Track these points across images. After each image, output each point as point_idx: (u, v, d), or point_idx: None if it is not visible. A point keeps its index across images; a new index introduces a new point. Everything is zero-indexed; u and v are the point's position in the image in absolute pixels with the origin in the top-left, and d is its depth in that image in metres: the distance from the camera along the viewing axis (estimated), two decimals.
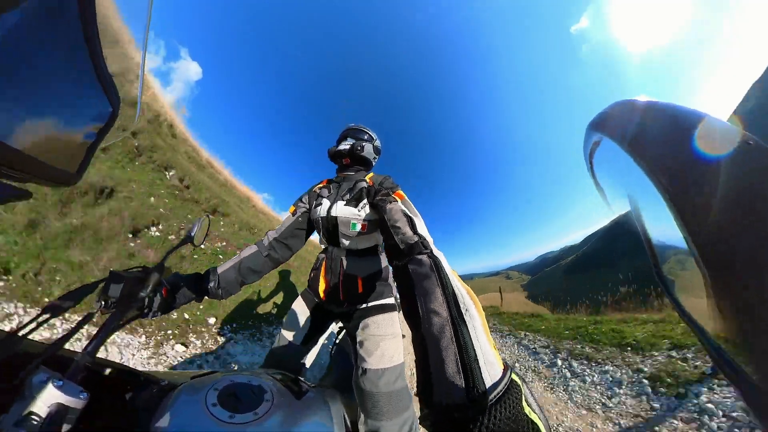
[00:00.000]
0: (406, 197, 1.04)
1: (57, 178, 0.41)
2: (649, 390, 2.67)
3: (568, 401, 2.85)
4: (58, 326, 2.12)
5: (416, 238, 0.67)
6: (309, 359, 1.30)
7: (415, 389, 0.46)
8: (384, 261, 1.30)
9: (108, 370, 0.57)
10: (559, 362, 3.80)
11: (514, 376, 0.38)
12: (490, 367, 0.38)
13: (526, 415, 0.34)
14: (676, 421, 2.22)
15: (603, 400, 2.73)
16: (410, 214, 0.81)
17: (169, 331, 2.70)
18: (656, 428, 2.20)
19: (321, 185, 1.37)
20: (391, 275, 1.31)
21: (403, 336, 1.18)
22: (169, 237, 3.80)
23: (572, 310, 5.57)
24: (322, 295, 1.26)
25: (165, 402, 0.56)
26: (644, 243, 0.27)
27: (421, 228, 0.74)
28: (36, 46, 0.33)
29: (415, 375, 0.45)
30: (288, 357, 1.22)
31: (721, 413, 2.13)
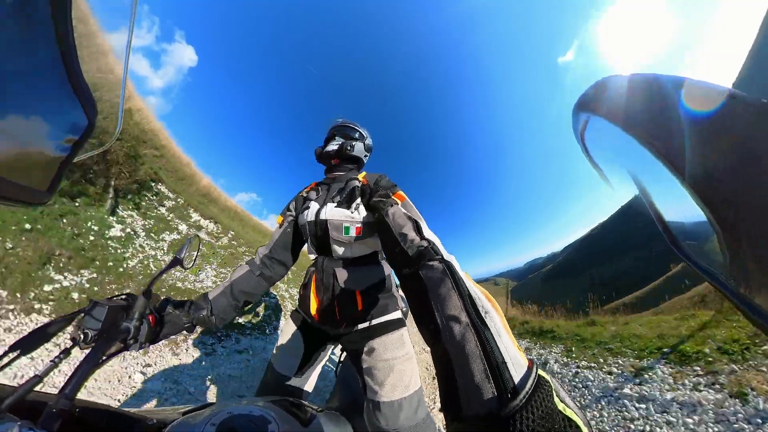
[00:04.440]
0: (407, 198, 0.94)
1: (25, 197, 0.37)
2: None
3: None
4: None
5: (426, 244, 0.63)
6: (309, 384, 1.15)
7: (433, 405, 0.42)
8: (386, 269, 1.15)
9: (89, 414, 0.51)
10: None
11: (541, 372, 0.36)
12: (518, 367, 0.36)
13: (561, 412, 0.31)
14: None
15: None
16: (414, 218, 0.75)
17: None
18: None
19: (308, 189, 1.23)
20: (394, 285, 1.16)
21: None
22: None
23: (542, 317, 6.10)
24: (314, 315, 1.08)
25: None
26: (651, 212, 0.26)
27: (428, 231, 0.69)
28: (4, 52, 0.30)
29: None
30: (282, 388, 1.07)
31: None
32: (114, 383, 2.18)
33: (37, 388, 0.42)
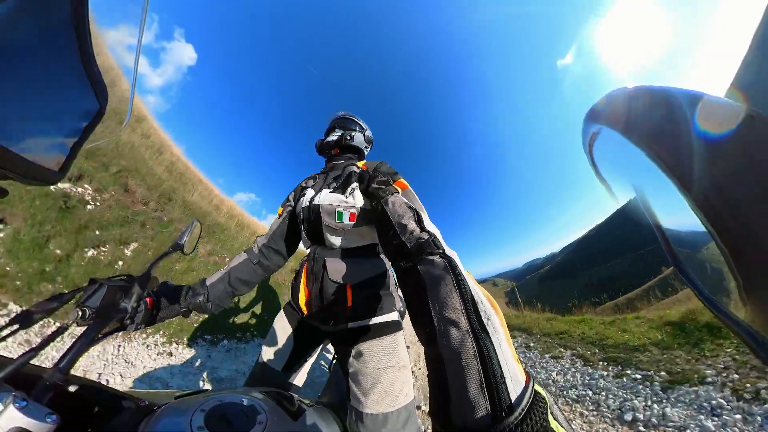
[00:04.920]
0: (410, 187, 0.89)
1: (39, 176, 0.38)
2: None
3: None
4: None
5: (426, 236, 0.58)
6: (299, 378, 1.12)
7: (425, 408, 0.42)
8: (383, 264, 1.06)
9: (81, 389, 0.52)
10: None
11: (537, 387, 0.34)
12: (515, 383, 0.34)
13: (553, 430, 0.31)
14: None
15: None
16: (416, 208, 0.71)
17: None
18: None
19: (308, 179, 1.22)
20: (392, 283, 1.08)
21: (407, 347, 1.04)
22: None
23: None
24: (304, 308, 1.02)
25: (145, 425, 0.51)
26: (654, 229, 0.26)
27: (429, 224, 0.65)
28: (23, 37, 0.32)
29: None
30: (270, 381, 1.03)
31: None
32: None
33: (34, 362, 0.44)
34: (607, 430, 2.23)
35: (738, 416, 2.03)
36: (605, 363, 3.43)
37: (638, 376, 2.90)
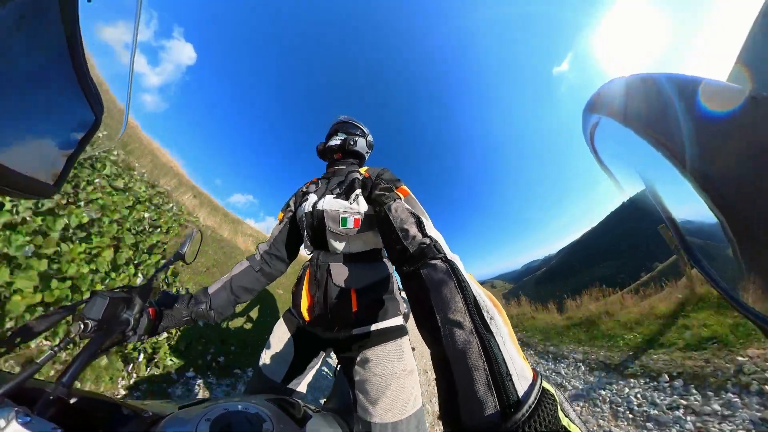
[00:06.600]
0: (411, 193, 0.91)
1: (33, 190, 0.38)
2: None
3: None
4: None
5: (428, 241, 0.59)
6: (302, 387, 1.10)
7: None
8: (387, 268, 1.06)
9: (85, 402, 0.52)
10: None
11: (545, 384, 0.34)
12: (522, 380, 0.35)
13: (565, 427, 0.30)
14: None
15: None
16: (417, 214, 0.72)
17: None
18: None
19: (309, 183, 1.21)
20: (396, 287, 1.07)
21: (413, 349, 1.01)
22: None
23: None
24: (305, 315, 1.00)
25: None
26: (662, 214, 0.26)
27: (431, 229, 0.66)
28: (14, 49, 0.32)
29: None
30: (270, 392, 0.99)
31: None
32: None
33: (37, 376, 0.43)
34: None
35: None
36: None
37: None
